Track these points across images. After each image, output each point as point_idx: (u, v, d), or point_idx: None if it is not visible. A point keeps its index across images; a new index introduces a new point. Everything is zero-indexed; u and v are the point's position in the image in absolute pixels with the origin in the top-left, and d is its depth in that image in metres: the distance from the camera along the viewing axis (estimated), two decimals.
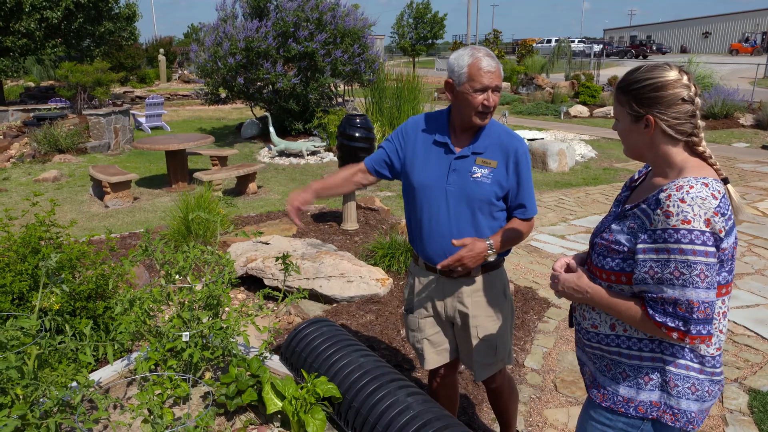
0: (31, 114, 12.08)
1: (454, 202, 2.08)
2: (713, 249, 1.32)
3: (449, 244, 2.09)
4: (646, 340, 1.47)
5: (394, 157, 2.21)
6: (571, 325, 1.96)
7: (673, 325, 1.35)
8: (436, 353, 2.31)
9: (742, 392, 3.10)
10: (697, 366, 1.45)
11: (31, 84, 20.25)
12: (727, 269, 1.41)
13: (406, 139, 2.19)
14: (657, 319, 1.36)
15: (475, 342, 2.20)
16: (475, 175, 2.06)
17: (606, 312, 1.51)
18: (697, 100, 1.40)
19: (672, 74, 1.39)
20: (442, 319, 2.26)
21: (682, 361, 1.45)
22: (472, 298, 2.17)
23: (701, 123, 1.42)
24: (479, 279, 2.18)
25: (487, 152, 2.07)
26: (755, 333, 3.76)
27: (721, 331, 1.46)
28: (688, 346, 1.43)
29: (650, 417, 1.48)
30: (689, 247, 1.30)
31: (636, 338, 1.48)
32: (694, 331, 1.34)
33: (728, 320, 3.86)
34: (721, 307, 1.45)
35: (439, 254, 2.13)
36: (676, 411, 1.46)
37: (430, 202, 2.11)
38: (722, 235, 1.33)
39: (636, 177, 1.66)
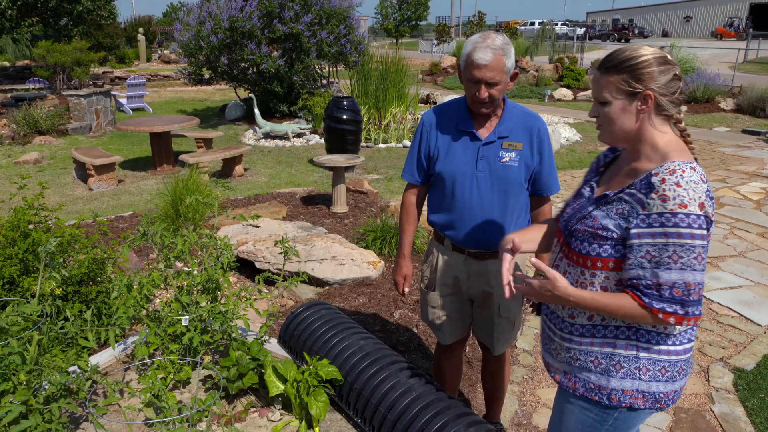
0: (9, 94, 11.81)
1: (485, 188, 2.10)
2: (706, 232, 1.34)
3: (480, 228, 2.14)
4: (623, 327, 1.47)
5: (424, 159, 2.22)
6: (538, 313, 1.89)
7: (671, 310, 1.35)
8: (454, 329, 2.38)
9: (728, 371, 3.20)
10: (672, 348, 1.46)
11: (6, 63, 19.69)
12: None
13: (426, 135, 2.20)
14: (654, 306, 1.35)
15: (497, 319, 2.28)
16: (503, 160, 2.08)
17: (593, 312, 1.48)
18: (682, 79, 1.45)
19: (660, 52, 1.43)
20: (463, 297, 2.32)
21: (656, 347, 1.45)
22: (498, 278, 2.22)
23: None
24: None
25: (512, 135, 2.10)
26: (739, 314, 3.86)
27: None
28: (664, 331, 1.44)
29: (623, 405, 1.49)
30: (687, 231, 1.32)
31: (613, 326, 1.48)
32: (690, 313, 1.35)
33: (714, 302, 4.00)
34: None
35: (470, 239, 2.17)
36: (647, 394, 1.48)
37: (462, 190, 2.13)
38: (713, 218, 1.35)
39: (602, 161, 1.65)
